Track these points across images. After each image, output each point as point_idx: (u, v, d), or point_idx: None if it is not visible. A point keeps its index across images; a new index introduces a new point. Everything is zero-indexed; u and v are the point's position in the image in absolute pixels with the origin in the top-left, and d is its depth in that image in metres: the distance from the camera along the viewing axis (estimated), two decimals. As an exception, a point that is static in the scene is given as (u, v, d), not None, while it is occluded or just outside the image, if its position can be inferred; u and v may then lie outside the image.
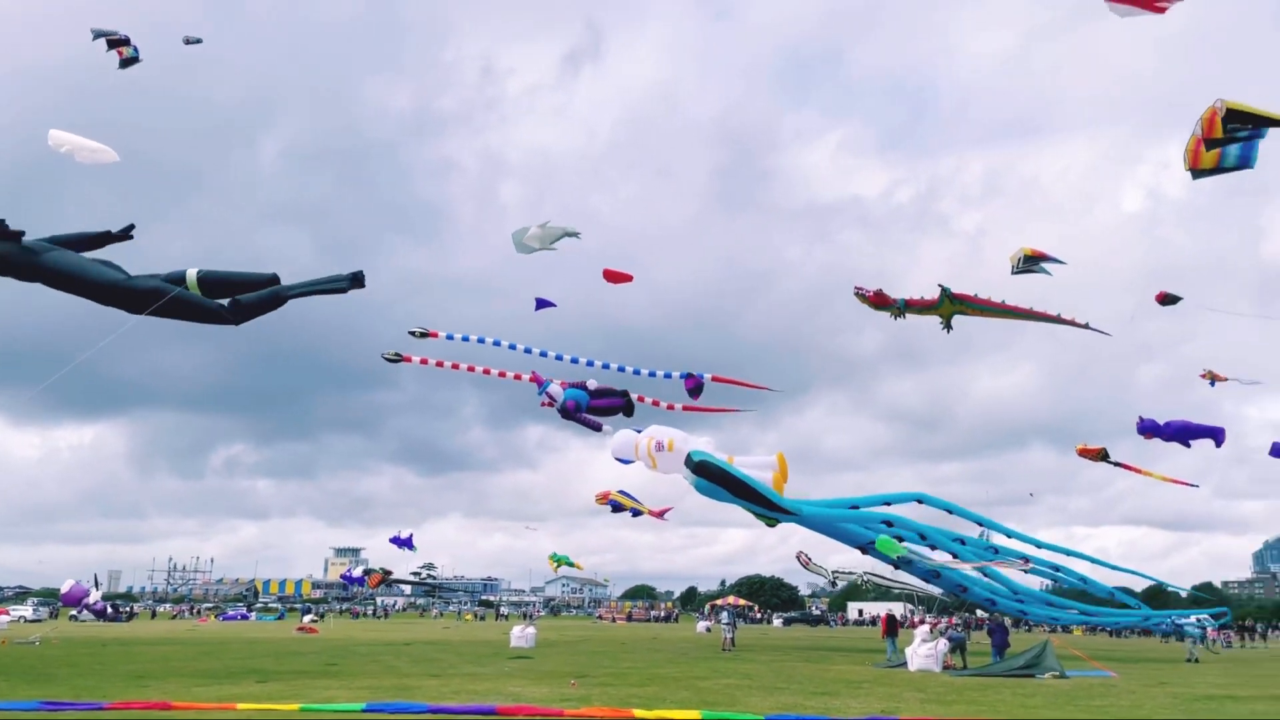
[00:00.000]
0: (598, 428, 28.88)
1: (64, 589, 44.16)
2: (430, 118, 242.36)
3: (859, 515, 33.31)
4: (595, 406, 28.15)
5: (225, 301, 11.67)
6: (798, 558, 65.17)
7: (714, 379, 31.00)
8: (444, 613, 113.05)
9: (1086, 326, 28.92)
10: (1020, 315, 28.55)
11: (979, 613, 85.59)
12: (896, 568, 33.68)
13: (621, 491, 37.87)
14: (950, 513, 35.10)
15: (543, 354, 32.13)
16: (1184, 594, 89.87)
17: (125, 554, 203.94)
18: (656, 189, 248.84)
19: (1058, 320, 28.88)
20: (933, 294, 27.95)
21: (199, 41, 19.71)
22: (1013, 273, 27.25)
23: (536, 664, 26.37)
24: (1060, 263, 26.97)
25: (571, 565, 55.91)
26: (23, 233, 10.47)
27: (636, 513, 38.00)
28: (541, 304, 30.17)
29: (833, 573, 66.73)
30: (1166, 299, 27.83)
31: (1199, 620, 41.18)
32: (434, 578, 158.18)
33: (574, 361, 32.34)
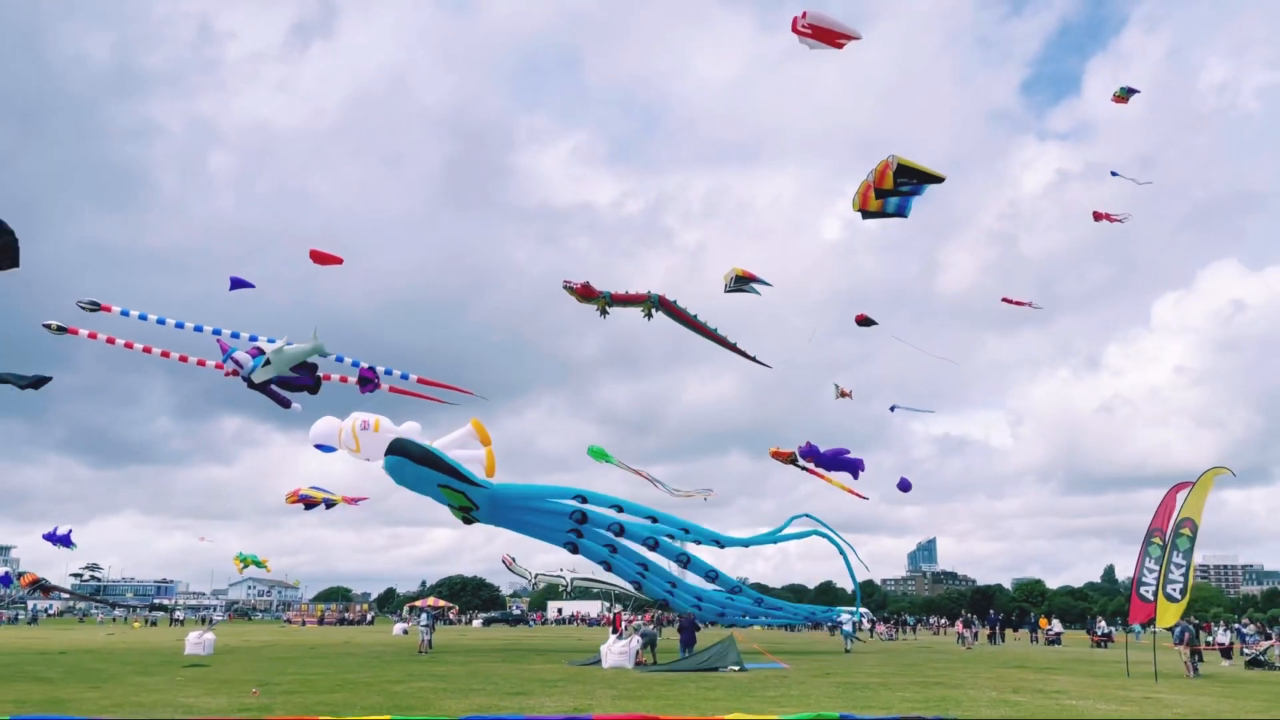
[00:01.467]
0: (286, 404, 27.30)
1: None
2: (134, 74, 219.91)
3: (552, 490, 33.18)
4: (283, 381, 26.58)
5: None
6: (502, 560, 65.35)
7: (419, 380, 30.24)
8: (108, 618, 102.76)
9: (754, 359, 31.28)
10: (705, 334, 30.27)
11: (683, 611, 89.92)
12: (620, 511, 33.37)
13: (312, 486, 36.20)
14: (619, 510, 34.57)
15: (234, 335, 29.88)
16: (850, 590, 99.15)
17: None
18: (383, 176, 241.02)
19: (733, 348, 30.93)
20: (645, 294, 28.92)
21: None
22: (725, 291, 28.83)
23: (214, 672, 24.52)
24: (768, 285, 28.91)
25: (260, 565, 52.69)
26: None
27: (330, 504, 36.41)
28: (237, 284, 28.04)
29: (534, 574, 67.49)
30: (865, 321, 30.68)
31: (851, 615, 45.64)
32: (98, 579, 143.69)
33: (271, 342, 30.39)
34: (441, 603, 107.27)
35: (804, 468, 35.78)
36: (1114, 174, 33.70)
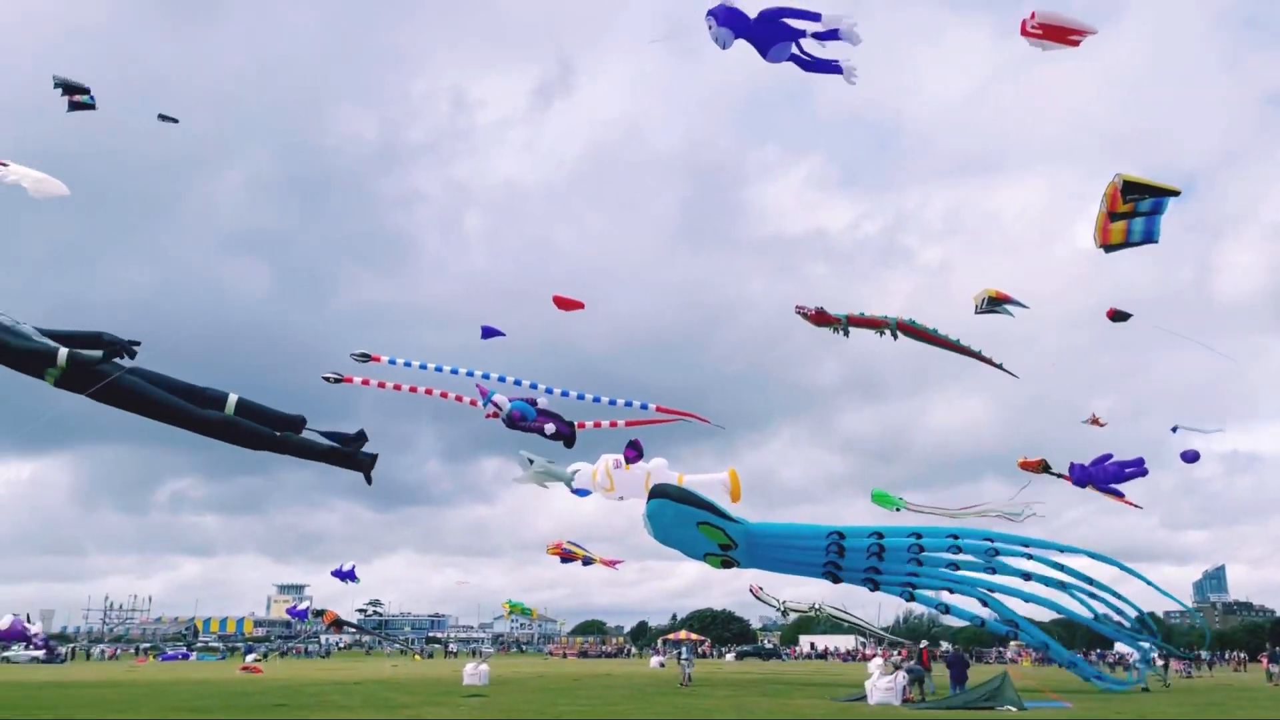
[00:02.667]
0: (543, 433, 28.45)
1: (4, 621, 42.52)
2: (398, 148, 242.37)
3: (809, 528, 32.62)
4: (539, 427, 27.75)
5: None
6: (750, 589, 65.22)
7: (658, 409, 30.76)
8: (392, 650, 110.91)
9: (999, 367, 29.60)
10: (949, 347, 29.08)
11: (944, 645, 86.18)
12: (919, 538, 31.65)
13: (571, 542, 37.82)
14: (918, 537, 33.04)
15: (485, 376, 31.61)
16: (1126, 624, 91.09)
17: (61, 592, 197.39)
18: (620, 222, 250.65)
19: (979, 357, 29.48)
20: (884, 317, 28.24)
21: (175, 121, 19.42)
22: (976, 313, 27.70)
23: (494, 700, 25.79)
24: (1023, 306, 27.58)
25: (527, 614, 55.30)
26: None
27: (588, 562, 37.79)
28: (488, 333, 29.73)
29: (783, 604, 66.79)
30: (1116, 315, 28.52)
31: (1147, 649, 41.28)
32: (379, 614, 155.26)
33: (517, 384, 31.86)
34: (694, 636, 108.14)
35: (1058, 475, 33.36)
36: None
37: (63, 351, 9.56)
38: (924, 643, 36.89)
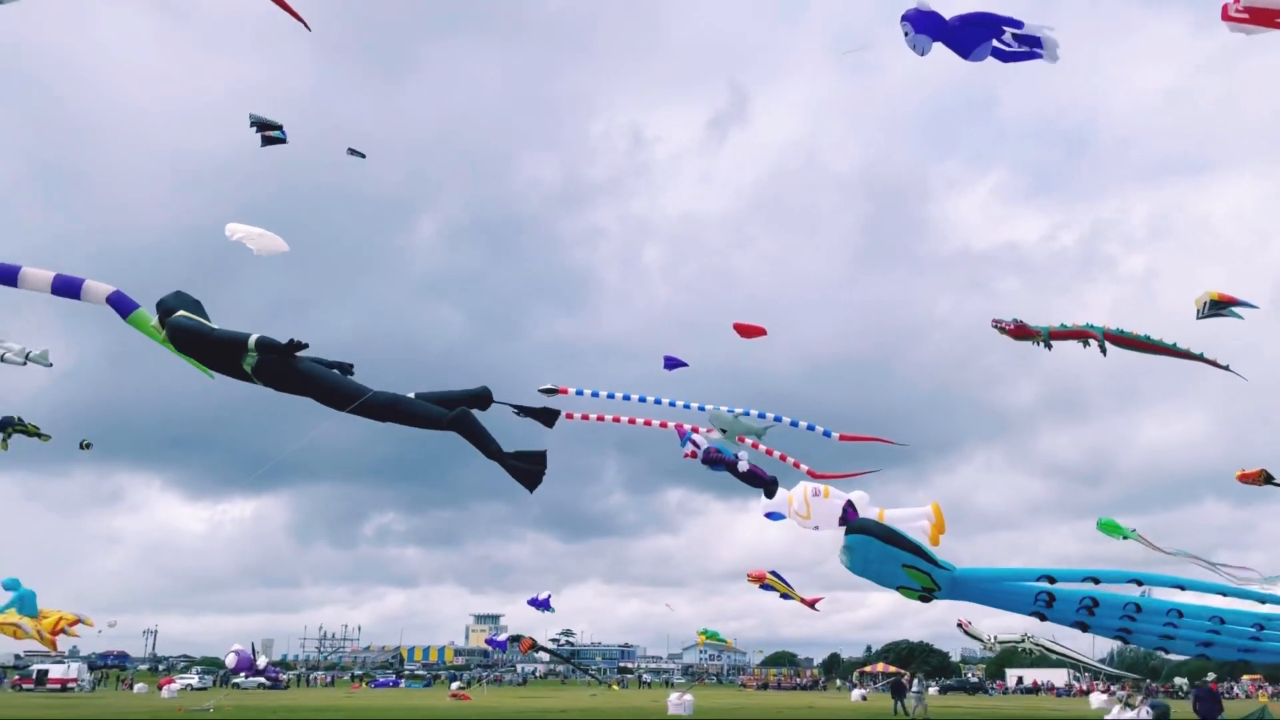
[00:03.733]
0: (736, 470, 28.07)
1: (229, 659, 45.70)
2: (579, 187, 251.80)
3: (1015, 572, 30.61)
4: (734, 463, 27.37)
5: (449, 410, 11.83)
6: (958, 624, 62.42)
7: (841, 438, 29.84)
8: (587, 680, 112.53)
9: (1226, 368, 27.18)
10: (1165, 353, 26.96)
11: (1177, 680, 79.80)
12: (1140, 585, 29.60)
13: (774, 573, 37.06)
14: (1139, 584, 30.93)
15: (671, 404, 31.58)
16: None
17: (279, 622, 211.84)
18: (799, 246, 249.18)
19: (1200, 359, 27.20)
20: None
21: (363, 156, 20.50)
22: (1198, 317, 25.93)
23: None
24: (1251, 306, 25.49)
25: (721, 642, 54.79)
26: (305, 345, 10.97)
27: (787, 598, 36.99)
28: (672, 363, 29.82)
29: (994, 639, 63.49)
30: None
31: None
32: (570, 644, 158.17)
33: (702, 409, 31.61)
34: (892, 668, 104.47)
35: None
36: None
37: (254, 336, 10.05)
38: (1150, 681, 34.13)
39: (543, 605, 50.53)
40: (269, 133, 21.62)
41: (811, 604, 38.07)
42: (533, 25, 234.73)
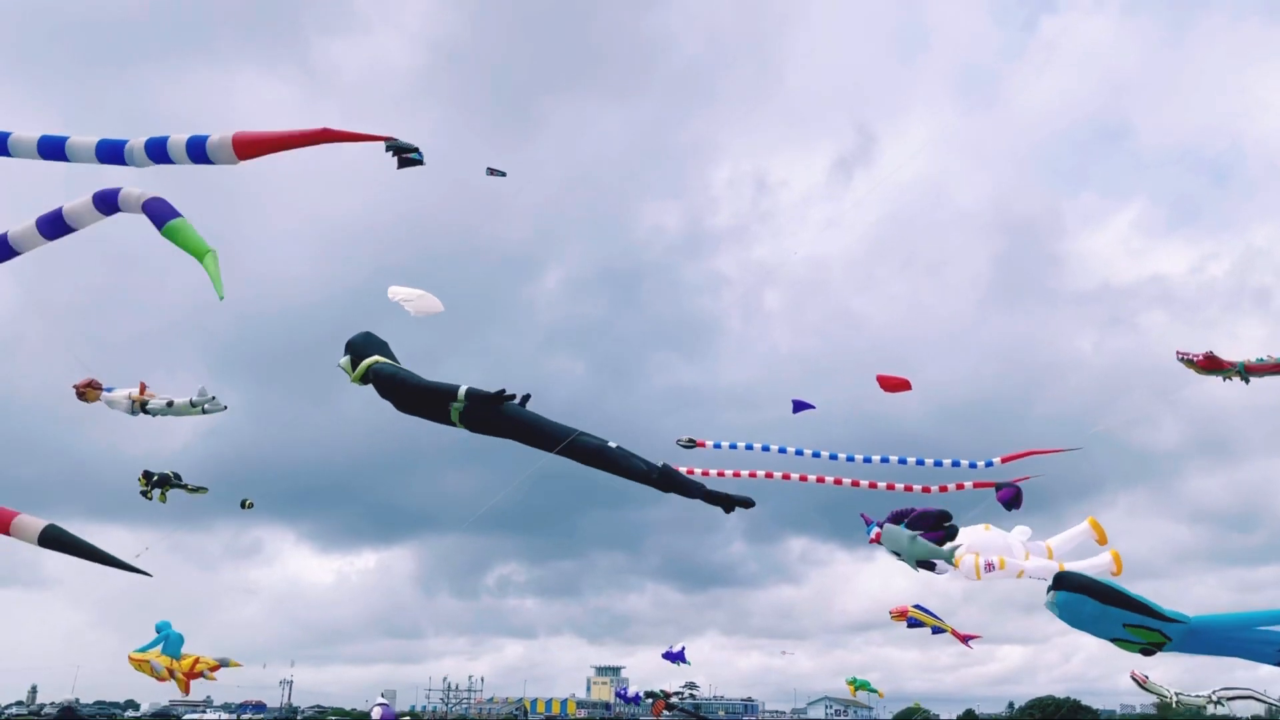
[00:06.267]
0: (931, 567, 27.03)
1: (375, 712, 46.40)
2: (701, 235, 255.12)
3: (1265, 616, 28.22)
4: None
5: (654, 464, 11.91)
6: (1132, 676, 58.60)
7: (1003, 460, 28.56)
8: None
9: None
10: None
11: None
12: None
13: (919, 607, 35.32)
14: None
15: (798, 453, 30.83)
16: None
17: (402, 674, 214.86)
18: (928, 286, 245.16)
19: None
20: None
21: (503, 174, 20.67)
22: None
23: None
24: None
25: (872, 690, 53.00)
26: (513, 397, 11.22)
27: (938, 630, 35.20)
28: (799, 406, 29.32)
29: (1174, 694, 59.36)
30: None
31: None
32: (694, 697, 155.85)
33: (833, 458, 30.74)
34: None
35: None
36: None
37: (464, 388, 10.24)
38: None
39: (677, 658, 49.96)
40: (407, 155, 22.00)
41: (966, 640, 36.24)
42: (655, 77, 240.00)
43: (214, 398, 22.04)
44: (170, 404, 22.02)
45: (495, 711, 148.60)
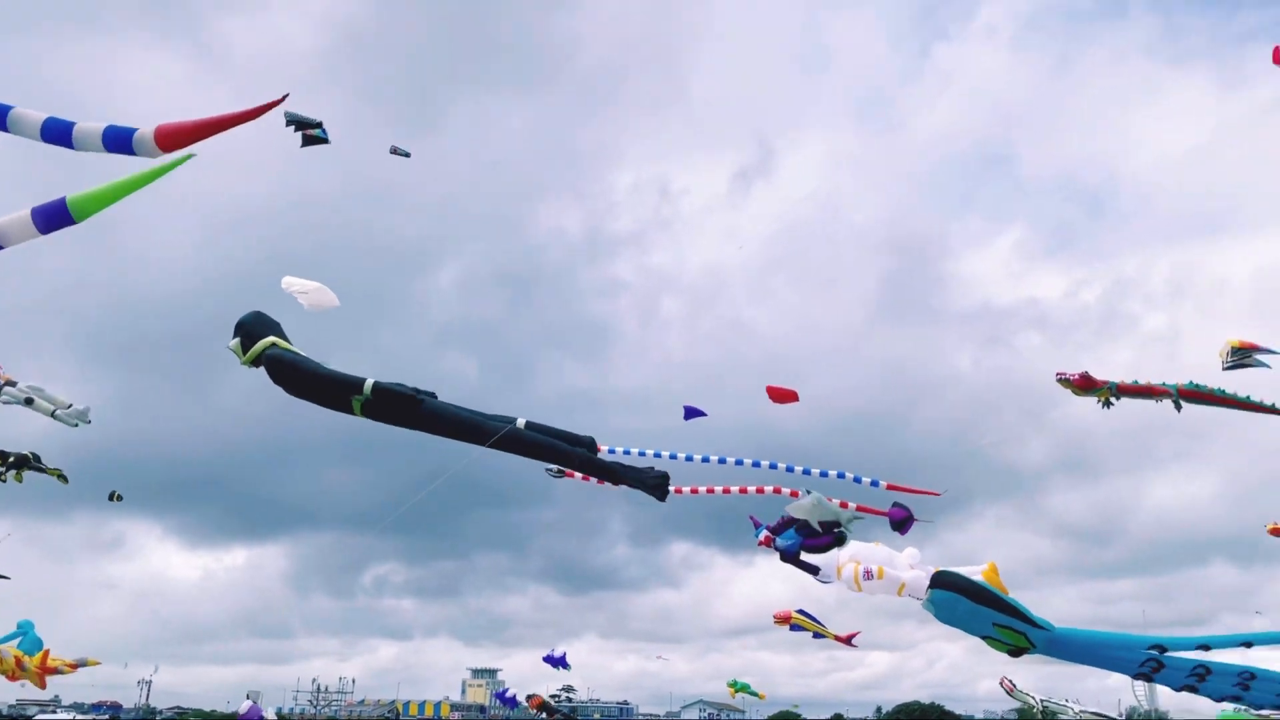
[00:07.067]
0: (816, 571, 27.40)
1: (242, 709, 44.83)
2: (601, 240, 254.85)
3: (1122, 639, 29.65)
4: (809, 545, 26.67)
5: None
6: (1002, 684, 61.01)
7: (889, 486, 29.33)
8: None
9: None
10: (1241, 406, 26.80)
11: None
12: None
13: (802, 612, 35.90)
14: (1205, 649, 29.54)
15: (688, 458, 31.02)
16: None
17: (269, 674, 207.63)
18: (818, 300, 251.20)
19: (1272, 410, 27.07)
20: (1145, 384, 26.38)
21: (407, 154, 20.10)
22: (1224, 368, 26.11)
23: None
24: (1274, 352, 25.84)
25: (754, 694, 53.69)
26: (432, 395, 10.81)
27: (819, 636, 35.87)
28: (691, 413, 29.49)
29: (1040, 699, 62.05)
30: None
31: None
32: (570, 700, 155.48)
33: (721, 462, 31.05)
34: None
35: None
36: None
37: (369, 381, 10.00)
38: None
39: (558, 663, 49.52)
40: (309, 131, 20.94)
41: (848, 640, 36.99)
42: (560, 79, 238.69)
43: (85, 410, 20.90)
44: (30, 401, 20.78)
45: (367, 714, 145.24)
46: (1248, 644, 30.93)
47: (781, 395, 28.71)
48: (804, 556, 25.82)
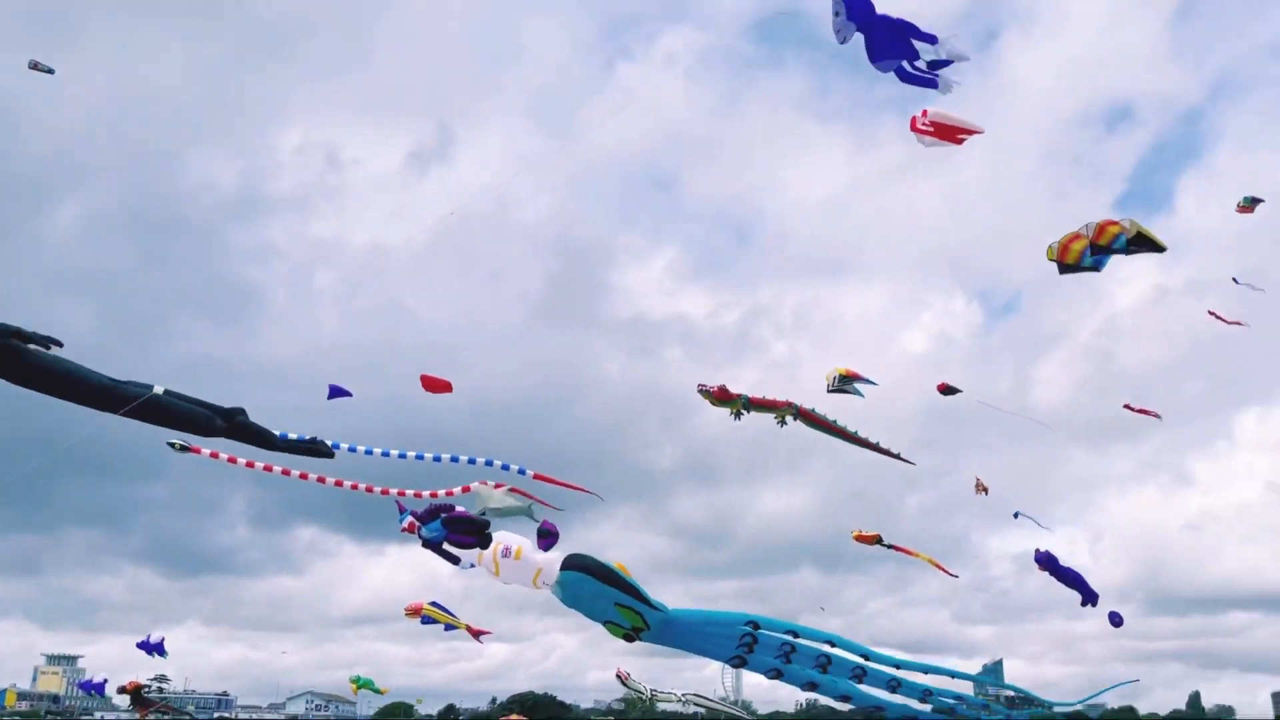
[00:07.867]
0: (457, 561, 27.11)
1: None
2: (258, 200, 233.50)
3: (725, 617, 31.63)
4: (453, 539, 26.29)
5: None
6: (618, 675, 63.69)
7: (535, 476, 29.95)
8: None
9: (898, 457, 30.85)
10: (846, 438, 30.04)
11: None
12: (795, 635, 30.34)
13: (434, 604, 35.54)
14: (794, 635, 31.34)
15: (334, 445, 29.82)
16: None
17: None
18: (483, 292, 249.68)
19: (876, 449, 30.62)
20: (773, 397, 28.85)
21: (50, 71, 17.60)
22: (828, 391, 29.02)
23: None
24: (872, 384, 29.12)
25: (376, 690, 52.16)
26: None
27: (450, 627, 35.69)
28: (335, 392, 28.48)
29: (651, 690, 65.61)
30: (947, 390, 30.45)
31: None
32: (162, 690, 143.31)
33: (368, 453, 30.29)
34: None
35: (890, 546, 34.74)
36: (1235, 281, 32.91)
37: None
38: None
39: (155, 649, 45.31)
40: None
41: (478, 634, 37.12)
42: (235, 21, 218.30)
43: None
44: None
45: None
46: (830, 644, 34.17)
47: (435, 385, 28.44)
48: (447, 547, 25.71)
